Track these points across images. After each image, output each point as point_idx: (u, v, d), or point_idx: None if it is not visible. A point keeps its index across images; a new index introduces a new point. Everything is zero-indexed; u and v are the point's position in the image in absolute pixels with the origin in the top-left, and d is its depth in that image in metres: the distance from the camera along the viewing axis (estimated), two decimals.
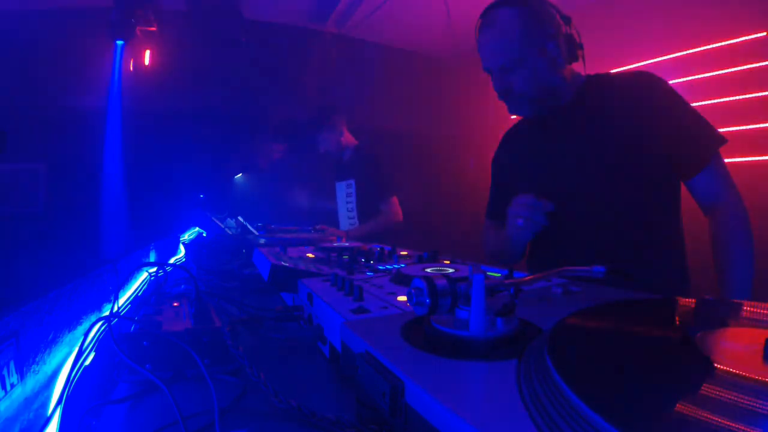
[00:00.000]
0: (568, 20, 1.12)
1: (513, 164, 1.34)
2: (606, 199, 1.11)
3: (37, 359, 0.64)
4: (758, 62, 2.58)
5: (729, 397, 0.30)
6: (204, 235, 2.67)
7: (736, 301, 0.51)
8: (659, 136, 1.07)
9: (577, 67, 1.18)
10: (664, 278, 1.10)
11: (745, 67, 2.63)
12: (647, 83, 1.11)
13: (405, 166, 4.08)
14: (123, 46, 3.51)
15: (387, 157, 2.56)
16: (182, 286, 1.16)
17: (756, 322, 0.45)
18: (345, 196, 2.57)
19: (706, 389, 0.32)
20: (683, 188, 1.16)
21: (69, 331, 0.77)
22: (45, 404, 0.62)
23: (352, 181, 2.51)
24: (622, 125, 1.09)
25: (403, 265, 0.98)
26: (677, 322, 0.49)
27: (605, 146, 1.11)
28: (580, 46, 1.13)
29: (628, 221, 1.11)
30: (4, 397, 0.53)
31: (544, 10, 1.10)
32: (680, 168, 1.10)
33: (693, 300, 0.54)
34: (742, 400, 0.29)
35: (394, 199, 2.44)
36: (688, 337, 0.38)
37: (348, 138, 2.56)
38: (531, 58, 1.09)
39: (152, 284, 1.28)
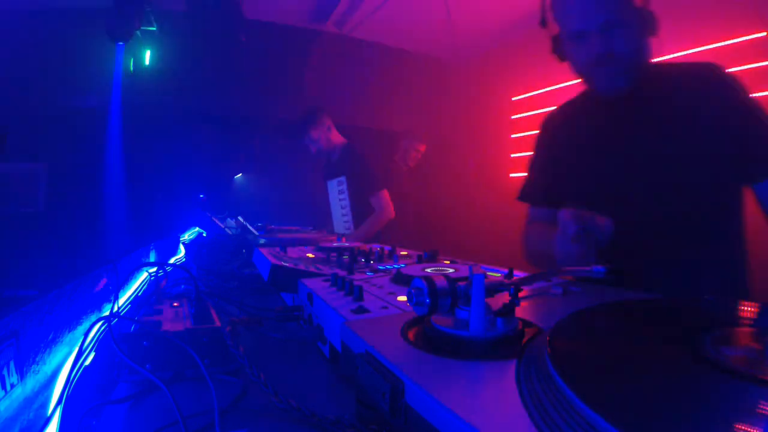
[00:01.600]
0: None
1: (567, 144, 1.20)
2: (664, 197, 1.02)
3: (37, 359, 0.64)
4: (758, 62, 2.58)
5: (728, 396, 0.30)
6: (204, 235, 2.68)
7: (736, 301, 0.51)
8: (727, 134, 0.98)
9: None
10: (723, 286, 1.03)
11: (745, 67, 2.63)
12: (715, 76, 1.03)
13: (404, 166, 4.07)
14: (123, 46, 3.51)
15: (375, 154, 2.57)
16: (182, 286, 1.16)
17: (756, 322, 0.45)
18: (337, 194, 2.57)
19: (706, 389, 0.32)
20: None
21: (69, 331, 0.77)
22: (45, 404, 0.62)
23: (343, 178, 2.52)
24: (688, 120, 1.01)
25: (403, 265, 0.98)
26: (677, 322, 0.49)
27: (668, 140, 1.01)
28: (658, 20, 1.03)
29: (686, 224, 1.02)
30: (4, 397, 0.53)
31: None
32: (747, 170, 1.01)
33: (693, 300, 0.54)
34: (741, 400, 0.29)
35: (385, 193, 2.45)
36: (688, 337, 0.38)
37: (337, 137, 2.58)
38: (635, 16, 1.00)
39: (152, 284, 1.28)
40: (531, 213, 1.30)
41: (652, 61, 1.07)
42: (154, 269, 1.36)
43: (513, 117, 4.30)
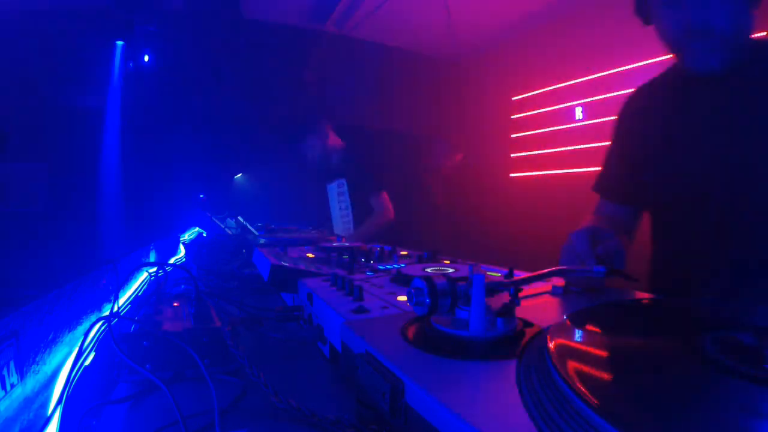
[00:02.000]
0: None
1: (646, 131, 1.05)
2: (761, 195, 0.88)
3: (37, 359, 0.64)
4: None
5: (728, 396, 0.30)
6: (204, 235, 2.68)
7: (736, 301, 0.51)
8: None
9: None
10: None
11: None
12: None
13: (404, 166, 4.08)
14: (123, 46, 3.51)
15: (374, 155, 2.59)
16: (182, 286, 1.16)
17: (757, 322, 0.45)
18: (337, 196, 2.59)
19: (706, 389, 0.32)
20: None
21: (69, 331, 0.77)
22: (45, 404, 0.62)
23: (343, 180, 2.53)
24: None
25: (403, 265, 0.98)
26: (678, 322, 0.49)
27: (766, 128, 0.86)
28: None
29: None
30: (4, 397, 0.53)
31: None
32: None
33: (693, 300, 0.54)
34: (741, 400, 0.29)
35: (384, 195, 2.47)
36: (688, 337, 0.38)
37: (334, 141, 2.60)
38: None
39: (152, 284, 1.28)
40: (599, 206, 1.17)
41: (753, 36, 0.92)
42: (154, 269, 1.35)
43: (513, 117, 4.30)
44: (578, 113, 3.57)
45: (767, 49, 0.92)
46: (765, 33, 2.59)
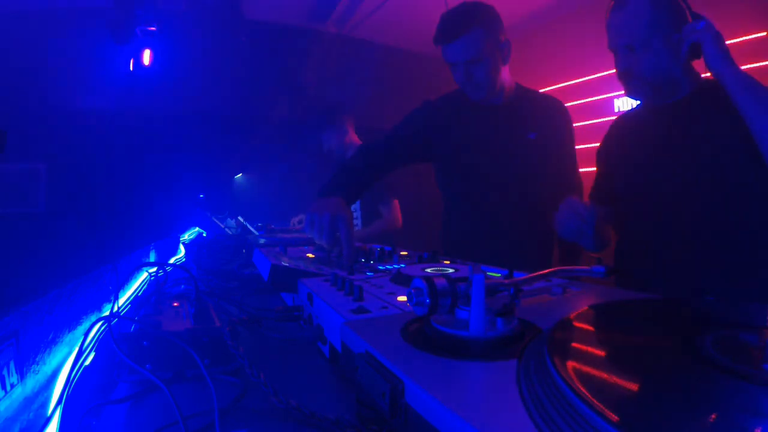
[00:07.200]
0: (697, 17, 1.14)
1: (619, 152, 1.32)
2: (707, 202, 1.09)
3: (37, 359, 0.64)
4: (758, 62, 2.58)
5: (728, 396, 0.30)
6: (204, 235, 2.68)
7: (736, 301, 0.51)
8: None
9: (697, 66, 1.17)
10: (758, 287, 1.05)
11: (744, 67, 2.63)
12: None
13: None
14: (123, 46, 3.51)
15: None
16: (182, 286, 1.16)
17: (756, 322, 0.45)
18: None
19: (706, 389, 0.32)
20: None
21: (69, 331, 0.77)
22: (45, 404, 0.62)
23: None
24: (733, 133, 1.06)
25: (403, 265, 0.98)
26: (677, 322, 0.49)
27: (714, 149, 1.09)
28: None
29: (727, 229, 1.08)
30: (4, 397, 0.53)
31: (676, 3, 1.12)
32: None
33: (694, 300, 0.54)
34: (741, 400, 0.29)
35: (395, 203, 2.42)
36: (688, 337, 0.38)
37: (353, 139, 2.56)
38: (656, 43, 1.10)
39: (152, 284, 1.28)
40: None
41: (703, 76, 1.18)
42: (154, 269, 1.36)
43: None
44: (577, 113, 3.58)
45: (708, 86, 1.15)
46: (765, 33, 2.59)
